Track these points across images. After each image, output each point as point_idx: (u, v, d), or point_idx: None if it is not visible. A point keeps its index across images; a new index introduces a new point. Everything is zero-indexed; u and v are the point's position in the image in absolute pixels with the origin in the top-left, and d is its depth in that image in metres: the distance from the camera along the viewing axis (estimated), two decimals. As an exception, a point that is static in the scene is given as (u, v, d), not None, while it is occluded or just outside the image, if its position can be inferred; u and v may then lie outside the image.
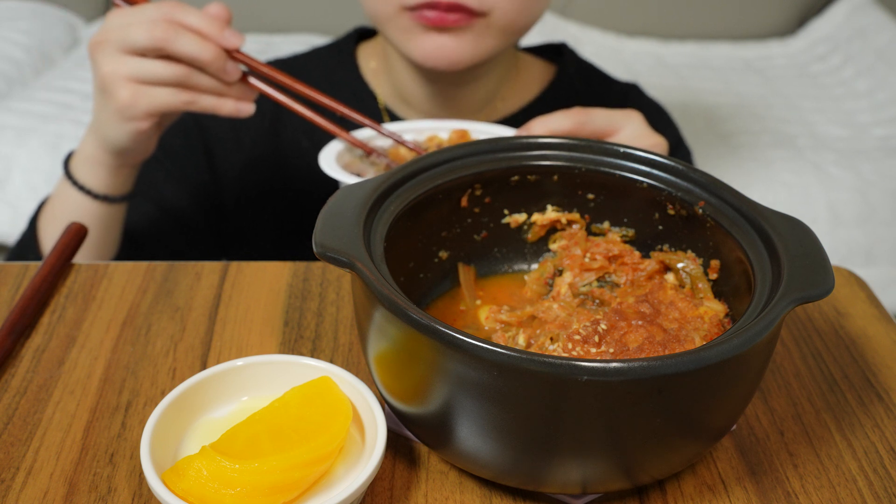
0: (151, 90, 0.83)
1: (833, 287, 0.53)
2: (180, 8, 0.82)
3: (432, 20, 0.90)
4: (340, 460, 0.56)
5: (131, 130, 0.85)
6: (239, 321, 0.73)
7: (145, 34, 0.80)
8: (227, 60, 0.83)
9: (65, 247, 0.78)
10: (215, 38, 0.82)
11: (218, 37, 0.82)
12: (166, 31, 0.80)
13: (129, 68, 0.82)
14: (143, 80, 0.82)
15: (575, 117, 0.82)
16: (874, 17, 2.30)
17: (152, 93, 0.83)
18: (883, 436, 0.63)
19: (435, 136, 0.90)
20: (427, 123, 0.91)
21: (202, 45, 0.81)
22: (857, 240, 1.72)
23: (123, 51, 0.82)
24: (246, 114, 0.87)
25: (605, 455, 0.51)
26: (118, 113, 0.84)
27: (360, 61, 1.12)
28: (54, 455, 0.59)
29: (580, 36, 2.32)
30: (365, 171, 0.85)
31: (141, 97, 0.83)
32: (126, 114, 0.84)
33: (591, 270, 0.68)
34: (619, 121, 0.84)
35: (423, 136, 0.90)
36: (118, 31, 0.82)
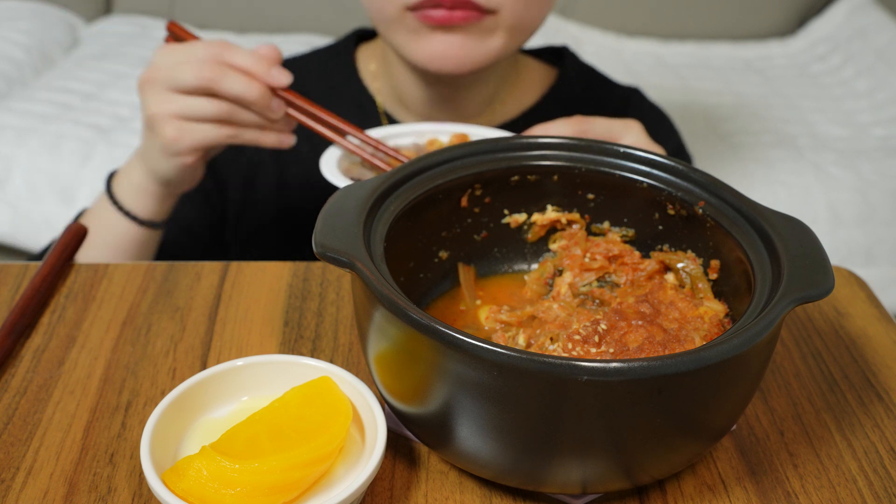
0: (196, 126, 0.84)
1: (833, 287, 0.53)
2: (230, 48, 0.83)
3: (438, 19, 0.89)
4: (340, 460, 0.56)
5: (177, 165, 0.87)
6: (239, 321, 0.73)
7: (193, 74, 0.81)
8: (272, 98, 0.84)
9: (65, 247, 0.78)
10: (262, 77, 0.83)
11: (265, 76, 0.83)
12: (213, 72, 0.81)
13: (176, 107, 0.83)
14: (189, 118, 0.84)
15: (576, 125, 0.82)
16: (874, 17, 2.30)
17: (196, 129, 0.84)
18: (883, 436, 0.63)
19: (436, 140, 0.89)
20: (428, 126, 0.91)
21: (248, 85, 0.82)
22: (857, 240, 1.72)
23: (171, 89, 0.83)
24: (287, 145, 0.88)
25: (605, 455, 0.51)
26: (164, 149, 0.86)
27: (360, 63, 1.12)
28: (54, 455, 0.59)
29: (580, 36, 2.32)
30: (364, 176, 0.85)
31: (186, 133, 0.84)
32: (171, 150, 0.85)
33: (591, 270, 0.68)
34: (619, 130, 0.84)
35: (424, 138, 0.90)
36: (167, 70, 0.83)
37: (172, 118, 0.84)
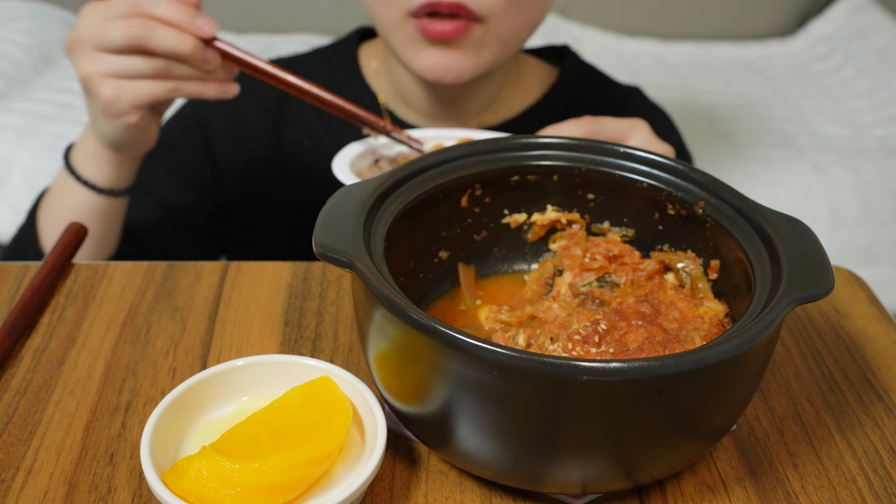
0: (133, 84, 0.83)
1: (833, 287, 0.53)
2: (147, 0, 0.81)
3: (436, 34, 0.90)
4: (340, 460, 0.56)
5: (122, 125, 0.86)
6: (239, 321, 0.73)
7: (120, 33, 0.80)
8: (205, 50, 0.83)
9: (65, 247, 0.78)
10: (189, 28, 0.81)
11: (192, 27, 0.81)
12: (142, 29, 0.80)
13: (108, 66, 0.82)
14: (123, 76, 0.82)
15: (587, 126, 0.83)
16: (874, 17, 2.30)
17: (134, 86, 0.83)
18: (883, 436, 0.63)
19: (440, 146, 0.90)
20: (433, 132, 0.92)
21: (179, 38, 0.81)
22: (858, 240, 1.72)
23: (100, 49, 0.82)
24: (231, 94, 0.87)
25: (605, 455, 0.51)
26: (104, 110, 0.84)
27: (362, 61, 1.12)
28: (54, 455, 0.59)
29: (580, 36, 2.32)
30: None
31: (123, 92, 0.83)
32: (112, 110, 0.84)
33: (591, 270, 0.68)
34: (627, 129, 0.85)
35: (429, 144, 0.91)
36: (93, 29, 0.82)
37: (107, 78, 0.82)
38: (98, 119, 0.87)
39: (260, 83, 1.10)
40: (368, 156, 0.89)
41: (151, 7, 0.81)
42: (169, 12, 0.81)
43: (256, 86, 1.11)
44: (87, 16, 0.83)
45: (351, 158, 0.86)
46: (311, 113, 1.09)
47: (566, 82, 1.13)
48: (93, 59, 0.82)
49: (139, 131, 0.87)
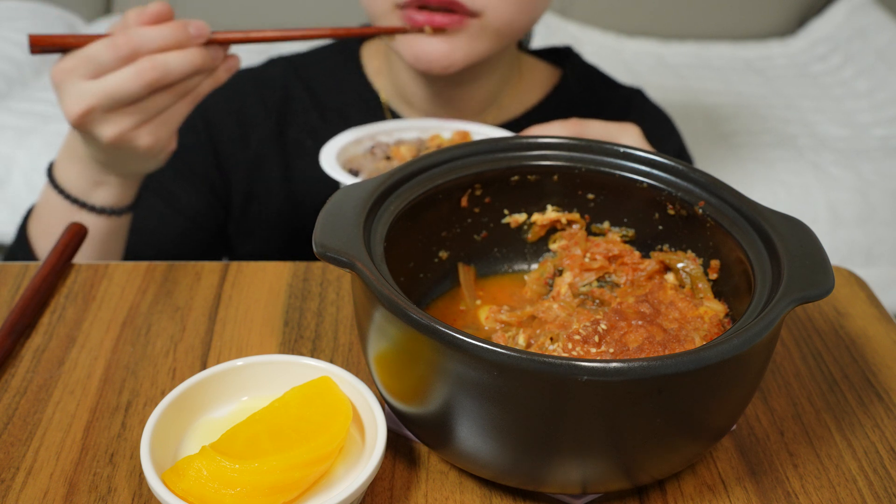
0: (163, 118, 0.81)
1: (833, 287, 0.53)
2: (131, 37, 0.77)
3: (420, 22, 0.90)
4: (340, 460, 0.56)
5: (163, 157, 0.85)
6: (239, 321, 0.73)
7: (137, 84, 0.77)
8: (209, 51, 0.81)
9: (65, 247, 0.78)
10: (189, 42, 0.79)
11: (190, 39, 0.79)
12: (155, 70, 0.77)
13: (134, 118, 0.79)
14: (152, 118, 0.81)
15: (571, 128, 0.82)
16: (874, 17, 2.30)
17: (165, 120, 0.81)
18: (883, 436, 0.63)
19: (437, 136, 0.90)
20: (431, 122, 0.92)
21: (189, 57, 0.78)
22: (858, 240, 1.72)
23: (118, 108, 0.78)
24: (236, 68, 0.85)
25: (605, 455, 0.51)
26: (147, 155, 0.83)
27: (364, 60, 1.12)
28: (54, 455, 0.59)
29: (580, 36, 2.32)
30: (364, 168, 0.85)
31: (159, 132, 0.81)
32: (155, 152, 0.83)
33: (591, 270, 0.68)
34: (615, 133, 0.84)
35: (427, 134, 0.91)
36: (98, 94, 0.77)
37: (137, 129, 0.80)
38: (134, 164, 0.85)
39: (263, 83, 1.11)
40: (366, 141, 0.89)
41: (146, 43, 0.78)
42: (164, 37, 0.78)
43: (260, 85, 1.11)
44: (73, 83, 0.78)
45: (344, 144, 0.86)
46: (313, 112, 1.09)
47: (568, 83, 1.13)
48: (113, 121, 0.79)
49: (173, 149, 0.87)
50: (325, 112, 1.09)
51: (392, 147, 0.88)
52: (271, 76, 1.12)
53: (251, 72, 1.12)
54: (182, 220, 1.05)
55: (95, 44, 0.77)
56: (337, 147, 0.86)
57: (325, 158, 0.83)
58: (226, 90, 1.10)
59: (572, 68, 1.14)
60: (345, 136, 0.88)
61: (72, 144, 0.88)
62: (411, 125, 0.92)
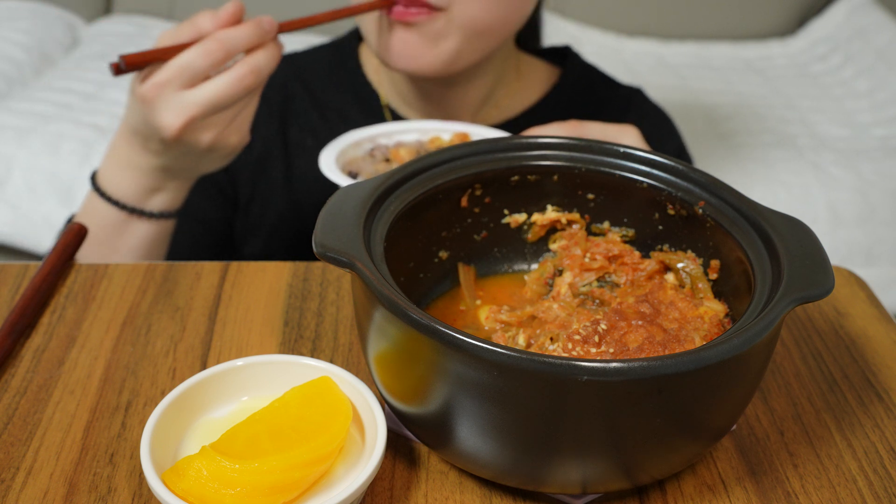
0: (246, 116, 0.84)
1: (833, 287, 0.53)
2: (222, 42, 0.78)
3: (395, 14, 0.90)
4: (340, 460, 0.56)
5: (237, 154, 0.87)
6: (239, 321, 0.73)
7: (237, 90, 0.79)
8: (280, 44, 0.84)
9: (65, 247, 0.78)
10: (267, 38, 0.81)
11: (266, 35, 0.81)
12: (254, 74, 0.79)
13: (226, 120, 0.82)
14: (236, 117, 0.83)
15: (570, 129, 0.82)
16: (874, 17, 2.30)
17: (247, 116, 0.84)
18: (883, 436, 0.63)
19: (438, 138, 0.90)
20: (432, 124, 0.92)
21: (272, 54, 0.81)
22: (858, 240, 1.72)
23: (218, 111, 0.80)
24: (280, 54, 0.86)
25: (605, 455, 0.51)
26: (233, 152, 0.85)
27: (363, 59, 1.12)
28: (54, 455, 0.59)
29: (580, 36, 2.32)
30: (364, 170, 0.85)
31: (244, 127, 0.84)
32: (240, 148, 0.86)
33: (591, 270, 0.68)
34: (613, 134, 0.83)
35: (427, 136, 0.91)
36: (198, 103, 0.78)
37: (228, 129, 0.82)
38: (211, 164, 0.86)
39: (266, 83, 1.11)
40: (366, 143, 0.89)
41: (237, 45, 0.79)
42: (250, 38, 0.80)
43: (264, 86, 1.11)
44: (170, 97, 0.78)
45: (344, 146, 0.86)
46: (313, 112, 1.09)
47: (567, 83, 1.13)
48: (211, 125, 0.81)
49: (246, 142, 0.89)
50: (324, 111, 1.09)
51: (391, 149, 0.88)
52: (273, 76, 1.12)
53: None
54: (193, 224, 1.05)
55: (188, 53, 0.78)
56: (336, 150, 0.86)
57: (324, 161, 0.83)
58: None
59: (572, 67, 1.14)
60: (344, 138, 0.88)
61: (122, 153, 0.88)
62: (411, 127, 0.91)
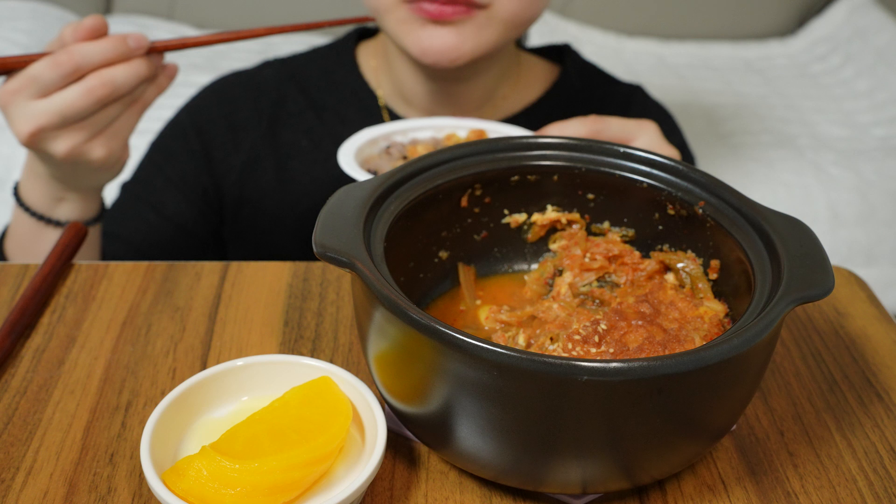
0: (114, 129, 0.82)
1: (833, 287, 0.53)
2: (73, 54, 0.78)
3: (431, 14, 0.89)
4: (340, 460, 0.56)
5: (118, 168, 0.87)
6: (239, 321, 0.73)
7: (88, 101, 0.78)
8: (150, 61, 0.82)
9: (65, 247, 0.78)
10: (131, 54, 0.80)
11: (131, 52, 0.80)
12: (104, 86, 0.78)
13: (86, 132, 0.80)
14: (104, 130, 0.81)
15: (591, 125, 0.82)
16: (874, 17, 2.30)
17: (117, 131, 0.82)
18: (883, 436, 0.63)
19: (454, 135, 0.90)
20: (447, 121, 0.91)
21: (135, 69, 0.80)
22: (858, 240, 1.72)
23: (69, 124, 0.79)
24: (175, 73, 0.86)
25: (605, 455, 0.51)
26: (102, 168, 0.84)
27: (360, 60, 1.12)
28: (54, 455, 0.59)
29: (580, 36, 2.32)
30: (382, 168, 0.85)
31: (112, 142, 0.82)
32: (110, 163, 0.84)
33: (591, 270, 0.68)
34: (634, 130, 0.83)
35: (442, 133, 0.90)
36: (47, 113, 0.78)
37: (90, 142, 0.81)
38: (90, 177, 0.86)
39: (255, 86, 1.10)
40: (381, 141, 0.89)
41: (88, 59, 0.78)
42: (105, 52, 0.79)
43: (252, 88, 1.10)
44: (20, 105, 0.78)
45: (360, 144, 0.86)
46: (309, 113, 1.09)
47: (567, 80, 1.13)
48: (65, 137, 0.80)
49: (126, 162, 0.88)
50: (321, 112, 1.09)
51: (408, 147, 0.88)
52: (264, 78, 1.11)
53: (243, 75, 1.12)
54: (172, 229, 1.05)
55: (37, 63, 0.78)
56: (354, 147, 0.85)
57: (343, 159, 0.83)
58: (216, 95, 1.10)
59: (571, 65, 1.14)
60: (360, 136, 0.88)
61: (31, 163, 0.89)
62: (426, 124, 0.91)
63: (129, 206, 1.05)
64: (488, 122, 0.91)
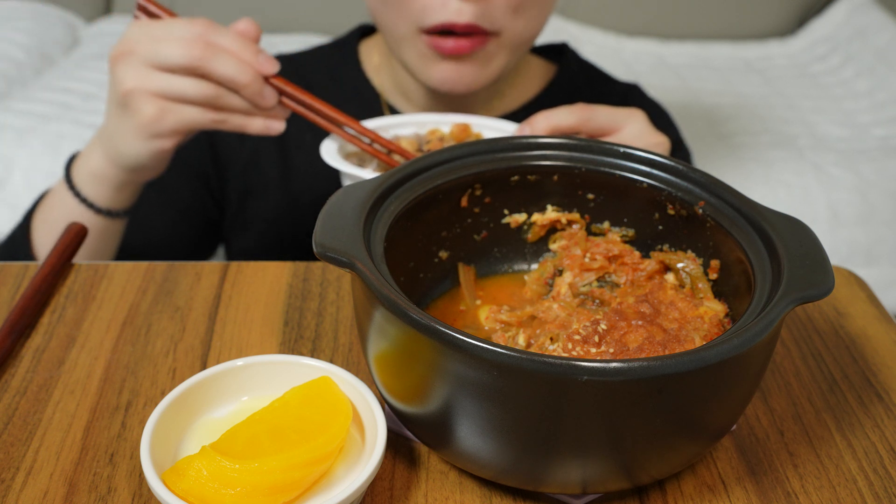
0: (180, 108, 0.80)
1: (833, 287, 0.53)
2: (213, 27, 0.79)
3: (449, 49, 0.90)
4: (340, 460, 0.56)
5: (153, 148, 0.83)
6: (239, 321, 0.73)
7: (181, 52, 0.77)
8: (263, 85, 0.80)
9: (65, 247, 0.78)
10: (251, 62, 0.79)
11: (254, 61, 0.80)
12: (204, 51, 0.77)
13: (158, 84, 0.79)
14: (172, 97, 0.79)
15: (579, 113, 0.82)
16: (874, 17, 2.30)
17: (180, 110, 0.80)
18: (883, 436, 0.63)
19: (437, 130, 0.90)
20: (429, 117, 0.92)
21: (240, 68, 0.78)
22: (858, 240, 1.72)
23: (152, 66, 0.78)
24: (276, 132, 0.84)
25: (605, 455, 0.51)
26: (142, 129, 0.81)
27: (363, 57, 1.13)
28: (54, 455, 0.59)
29: (580, 36, 2.32)
30: (364, 162, 0.85)
31: (168, 114, 0.80)
32: (150, 130, 0.81)
33: (591, 270, 0.68)
34: (622, 118, 0.84)
35: (425, 129, 0.91)
36: (147, 44, 0.78)
37: (154, 96, 0.79)
38: (126, 137, 0.83)
39: None
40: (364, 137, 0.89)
41: (215, 36, 0.78)
42: (233, 44, 0.79)
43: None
44: (140, 30, 0.79)
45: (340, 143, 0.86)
46: None
47: (564, 78, 1.13)
48: (142, 74, 0.79)
49: (164, 157, 0.85)
50: None
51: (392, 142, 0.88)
52: None
53: None
54: (172, 212, 1.06)
55: (171, 42, 0.78)
56: (336, 144, 0.85)
57: (325, 150, 0.82)
58: None
59: (568, 64, 1.15)
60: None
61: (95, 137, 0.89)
62: (407, 120, 0.91)
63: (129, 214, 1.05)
64: (473, 117, 0.91)
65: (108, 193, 0.89)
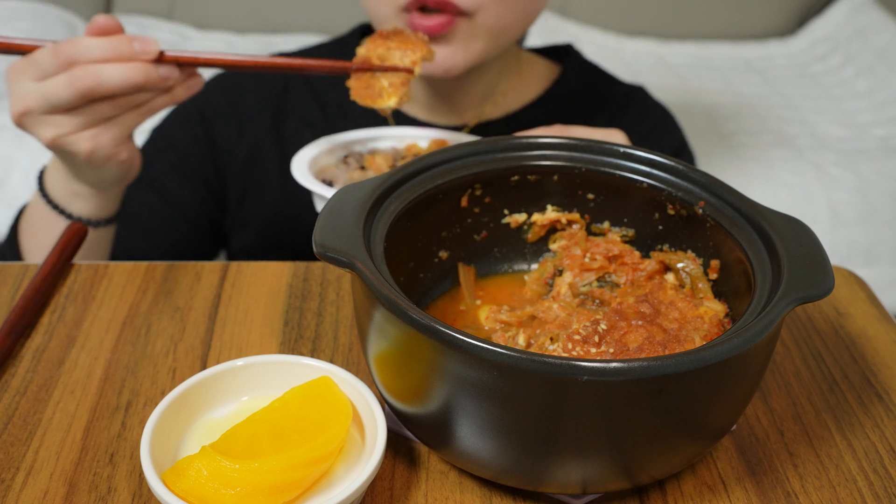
0: (106, 126, 0.80)
1: (833, 287, 0.53)
2: (77, 44, 0.77)
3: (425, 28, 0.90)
4: (340, 460, 0.56)
5: (113, 166, 0.84)
6: (239, 321, 0.73)
7: (69, 92, 0.76)
8: (158, 68, 0.79)
9: (65, 247, 0.78)
10: (132, 57, 0.78)
11: (133, 55, 0.78)
12: (87, 78, 0.76)
13: (71, 124, 0.79)
14: (92, 124, 0.79)
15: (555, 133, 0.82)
16: (874, 17, 2.30)
17: (109, 128, 0.80)
18: (883, 436, 0.63)
19: (414, 145, 0.90)
20: (408, 131, 0.92)
21: (128, 71, 0.77)
22: (858, 240, 1.72)
23: (54, 113, 0.78)
24: (198, 88, 0.83)
25: (605, 455, 0.51)
26: (88, 163, 0.82)
27: None
28: (54, 455, 0.59)
29: (580, 36, 2.32)
30: (337, 178, 0.85)
31: (101, 138, 0.80)
32: (95, 159, 0.81)
33: (591, 270, 0.68)
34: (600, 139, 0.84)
35: (403, 143, 0.91)
36: (34, 96, 0.77)
37: (75, 134, 0.79)
38: (83, 171, 0.84)
39: (260, 78, 1.11)
40: (339, 150, 0.88)
41: (84, 52, 0.76)
42: (103, 50, 0.77)
43: (259, 79, 1.11)
44: (19, 83, 0.78)
45: (317, 153, 0.86)
46: (312, 106, 1.10)
47: (568, 79, 1.13)
48: (51, 123, 0.79)
49: (129, 163, 0.86)
50: (324, 106, 1.10)
51: (367, 156, 0.88)
52: None
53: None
54: (174, 215, 1.06)
55: (42, 49, 0.78)
56: (309, 157, 0.84)
57: (296, 168, 0.82)
58: (222, 85, 1.11)
59: (572, 65, 1.14)
60: (316, 145, 0.87)
61: None
62: (386, 134, 0.91)
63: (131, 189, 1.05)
64: (450, 133, 0.91)
65: (95, 206, 0.90)
